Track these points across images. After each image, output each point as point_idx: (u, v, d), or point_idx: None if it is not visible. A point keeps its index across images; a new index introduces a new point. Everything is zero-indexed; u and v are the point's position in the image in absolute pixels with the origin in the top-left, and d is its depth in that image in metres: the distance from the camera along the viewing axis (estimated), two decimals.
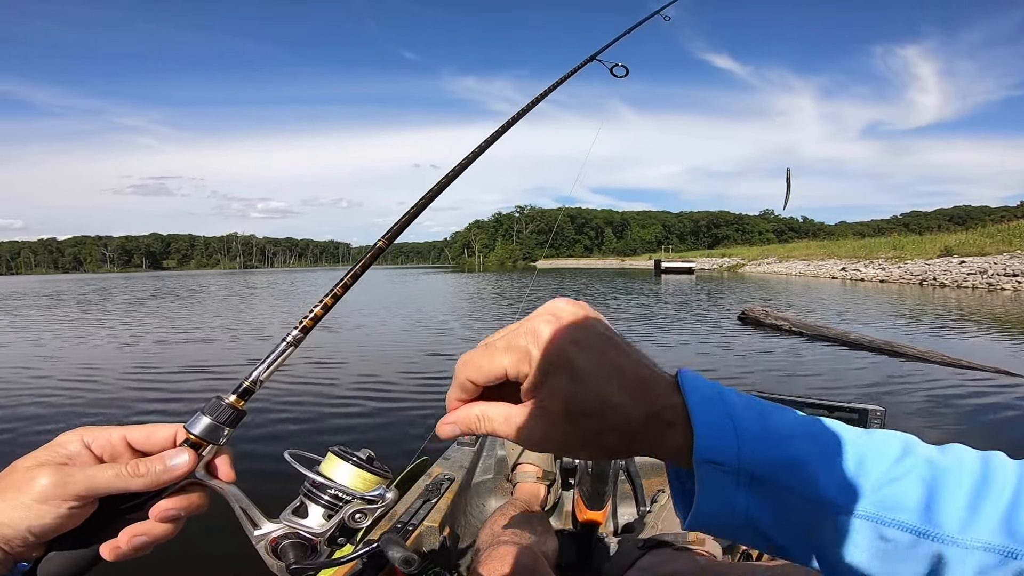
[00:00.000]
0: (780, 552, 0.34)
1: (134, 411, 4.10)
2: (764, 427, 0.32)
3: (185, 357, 6.37)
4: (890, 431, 0.34)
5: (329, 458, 0.44)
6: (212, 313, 12.27)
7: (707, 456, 0.31)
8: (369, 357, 6.27)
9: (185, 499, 0.39)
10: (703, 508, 0.32)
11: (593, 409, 0.32)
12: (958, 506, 0.30)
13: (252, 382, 0.40)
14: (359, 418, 3.83)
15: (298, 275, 59.68)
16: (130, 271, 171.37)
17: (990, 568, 0.29)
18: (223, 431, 0.39)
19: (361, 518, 0.43)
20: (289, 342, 0.41)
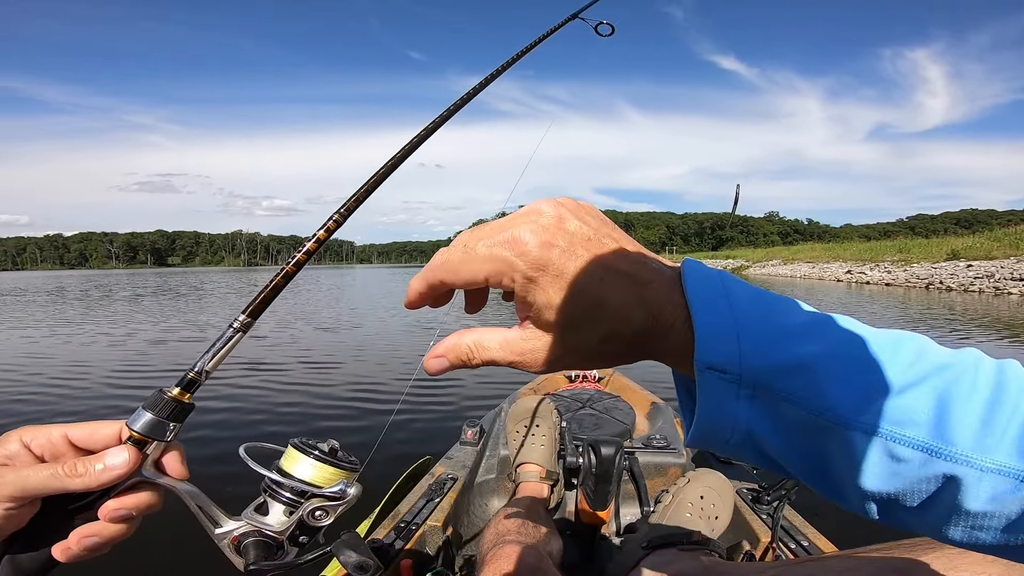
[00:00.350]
0: (783, 472, 0.32)
1: (118, 409, 4.11)
2: (769, 328, 0.29)
3: (176, 355, 6.38)
4: (903, 332, 0.31)
5: (289, 452, 0.42)
6: (210, 311, 12.31)
7: (708, 361, 0.28)
8: (350, 353, 6.29)
9: (134, 498, 0.37)
10: (704, 420, 0.30)
11: (591, 315, 0.29)
12: (972, 421, 0.28)
13: (197, 373, 0.38)
14: (334, 411, 3.84)
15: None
16: (135, 267, 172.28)
17: (1005, 494, 0.27)
18: (168, 426, 0.37)
19: (322, 515, 0.41)
20: (236, 328, 0.39)
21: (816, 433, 0.29)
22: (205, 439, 3.09)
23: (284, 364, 5.77)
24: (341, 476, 0.42)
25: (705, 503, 1.16)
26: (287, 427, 3.59)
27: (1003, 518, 0.27)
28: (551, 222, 0.30)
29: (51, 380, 5.02)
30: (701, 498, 1.17)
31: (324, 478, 0.41)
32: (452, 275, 0.32)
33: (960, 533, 0.29)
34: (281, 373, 5.06)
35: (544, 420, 1.42)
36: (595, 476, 1.17)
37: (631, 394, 2.20)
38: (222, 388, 4.43)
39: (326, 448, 0.43)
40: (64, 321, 10.17)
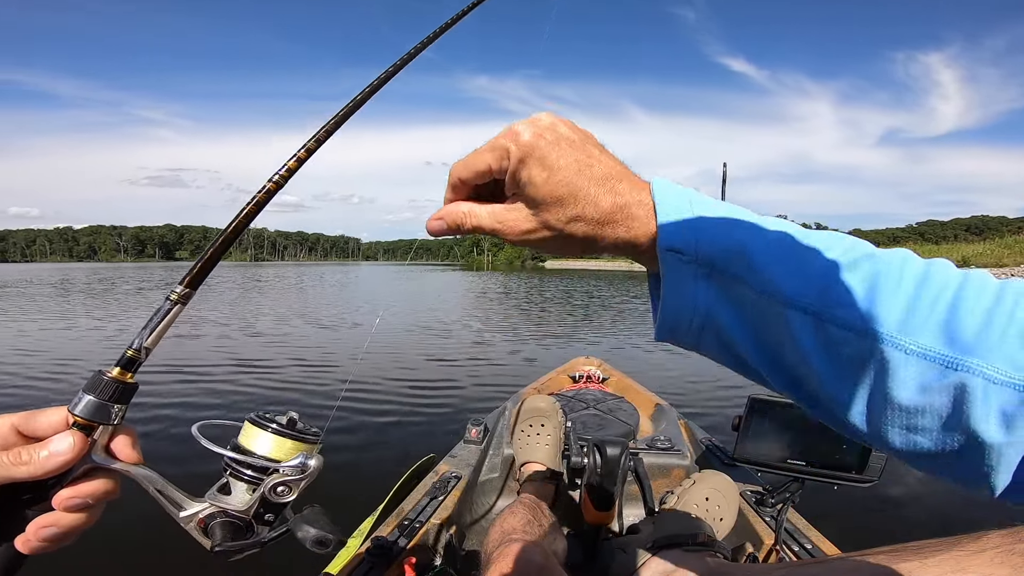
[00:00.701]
0: (739, 362, 0.35)
1: None
2: (723, 221, 0.34)
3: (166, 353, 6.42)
4: (841, 232, 0.35)
5: (246, 427, 0.41)
6: (207, 306, 12.36)
7: (668, 243, 0.33)
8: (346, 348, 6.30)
9: (87, 486, 0.36)
10: (668, 303, 0.34)
11: (564, 195, 0.34)
12: (898, 303, 0.30)
13: (135, 351, 0.36)
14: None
15: (305, 269, 60.13)
16: (143, 261, 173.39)
17: (932, 382, 0.28)
18: (112, 408, 0.36)
19: (285, 491, 0.40)
20: (174, 300, 0.37)
21: (764, 312, 0.32)
22: (164, 419, 3.07)
23: (243, 343, 5.80)
24: (301, 449, 0.41)
25: (710, 504, 1.16)
26: (248, 404, 3.59)
27: (935, 414, 0.28)
28: (545, 124, 0.35)
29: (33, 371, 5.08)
30: (706, 499, 1.17)
31: (284, 452, 0.40)
32: (466, 168, 0.37)
33: (898, 436, 0.30)
34: (239, 352, 5.06)
35: (549, 420, 1.42)
36: (600, 476, 1.17)
37: (635, 395, 2.20)
38: (182, 367, 4.42)
39: (284, 421, 0.41)
40: (58, 314, 10.25)
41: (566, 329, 8.59)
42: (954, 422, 0.28)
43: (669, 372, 5.59)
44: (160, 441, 3.06)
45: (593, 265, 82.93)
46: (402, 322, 9.29)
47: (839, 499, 1.36)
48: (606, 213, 0.34)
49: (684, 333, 0.35)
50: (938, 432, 0.29)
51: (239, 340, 7.07)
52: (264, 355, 5.96)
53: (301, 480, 0.40)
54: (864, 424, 0.31)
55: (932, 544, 0.67)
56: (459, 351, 6.52)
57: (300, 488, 0.40)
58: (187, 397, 4.09)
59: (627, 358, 6.30)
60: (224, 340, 6.99)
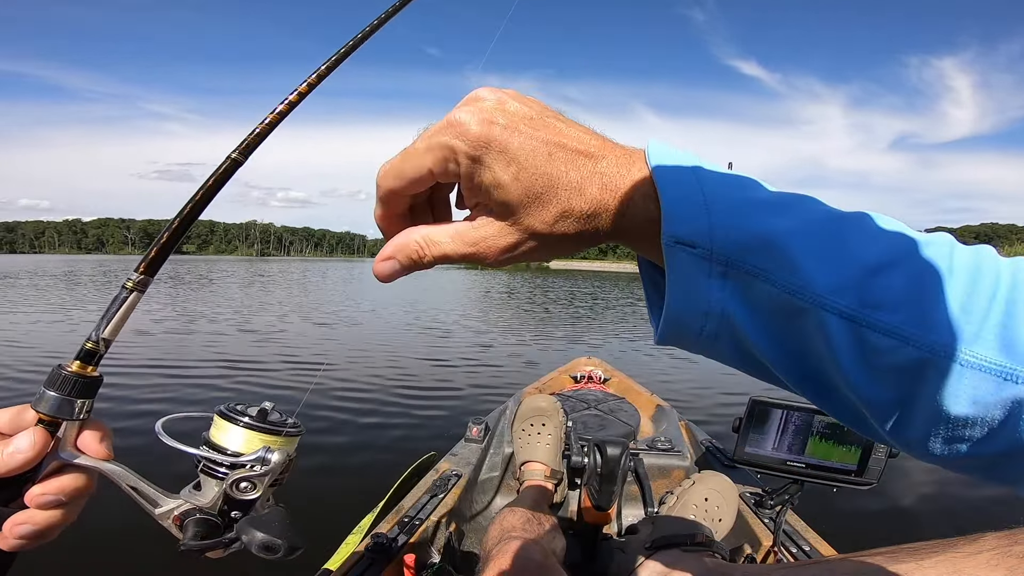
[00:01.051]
0: (758, 368, 0.30)
1: None
2: (740, 200, 0.28)
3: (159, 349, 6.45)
4: (873, 212, 0.29)
5: (216, 422, 0.39)
6: (206, 301, 12.41)
7: (676, 234, 0.27)
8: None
9: (56, 482, 0.35)
10: (674, 303, 0.28)
11: (541, 191, 0.28)
12: (950, 307, 0.25)
13: (94, 343, 0.35)
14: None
15: (310, 264, 60.32)
16: None
17: (986, 395, 0.24)
18: (75, 403, 0.35)
19: (248, 488, 0.38)
20: (130, 288, 0.36)
21: (791, 315, 0.27)
22: (146, 414, 3.06)
23: (235, 338, 5.82)
24: (271, 442, 0.39)
25: (710, 505, 1.16)
26: (225, 395, 3.58)
27: (984, 426, 0.25)
28: (491, 104, 0.29)
29: None
30: (706, 500, 1.17)
31: (253, 446, 0.38)
32: (398, 177, 0.30)
33: (939, 446, 0.27)
34: (230, 347, 5.07)
35: (550, 419, 1.43)
36: (600, 476, 1.18)
37: (636, 396, 2.21)
38: (168, 362, 4.41)
39: (254, 412, 0.39)
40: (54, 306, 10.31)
41: (568, 330, 8.57)
42: (1006, 433, 0.25)
43: (670, 374, 5.59)
44: (140, 436, 3.08)
45: (598, 266, 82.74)
46: (403, 321, 9.32)
47: (838, 501, 1.36)
48: (595, 203, 0.28)
49: (692, 338, 0.30)
50: (985, 441, 0.26)
51: (232, 336, 7.10)
52: (254, 351, 5.99)
53: (264, 476, 0.38)
54: (901, 434, 0.28)
55: (929, 546, 0.67)
56: (460, 350, 6.51)
57: (265, 484, 0.38)
58: (173, 392, 4.11)
59: (629, 360, 6.28)
60: (217, 336, 7.03)
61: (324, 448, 3.05)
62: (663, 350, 6.86)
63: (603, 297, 16.85)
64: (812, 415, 1.07)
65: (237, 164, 0.38)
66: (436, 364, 5.65)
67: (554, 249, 0.30)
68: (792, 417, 1.09)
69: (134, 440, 2.81)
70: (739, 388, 4.94)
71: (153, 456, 0.36)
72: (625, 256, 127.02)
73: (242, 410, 0.39)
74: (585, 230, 0.29)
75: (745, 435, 1.13)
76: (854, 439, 1.04)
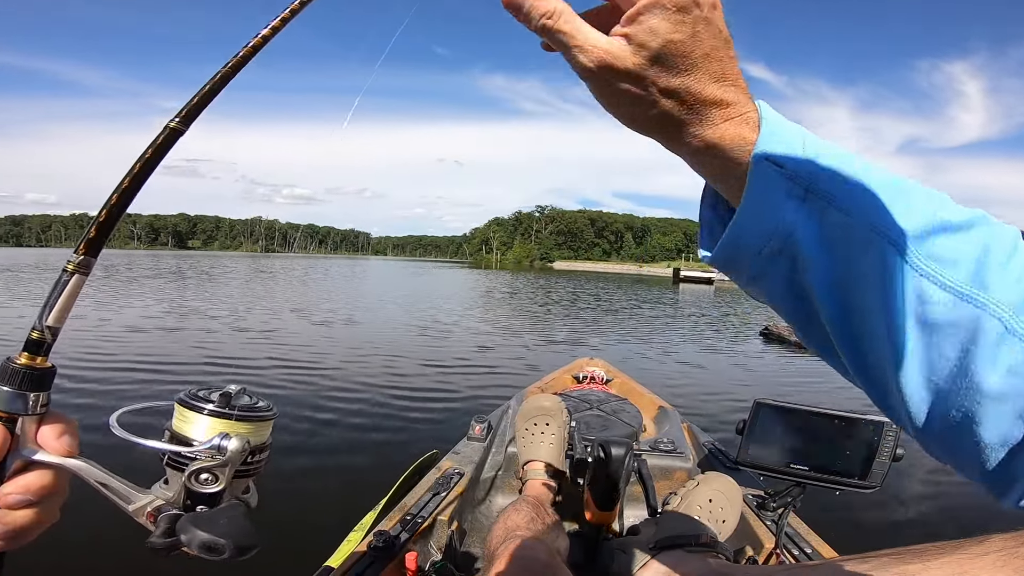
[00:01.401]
0: (798, 301, 0.32)
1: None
2: (833, 150, 0.30)
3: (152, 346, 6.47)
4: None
5: (177, 410, 0.37)
6: (204, 297, 12.43)
7: (769, 151, 0.29)
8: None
9: (19, 481, 0.33)
10: (745, 217, 0.30)
11: (693, 62, 0.29)
12: (1009, 277, 0.27)
13: (39, 332, 0.33)
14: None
15: (314, 261, 60.41)
16: (156, 248, 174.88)
17: (1020, 365, 0.25)
18: (28, 397, 0.33)
19: (209, 480, 0.35)
20: (71, 271, 0.34)
21: (858, 250, 0.29)
22: (123, 402, 3.03)
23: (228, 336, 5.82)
24: (240, 429, 0.36)
25: (714, 507, 1.16)
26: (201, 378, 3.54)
27: (1012, 410, 0.26)
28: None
29: None
30: (710, 501, 1.17)
31: (212, 433, 0.36)
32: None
33: (953, 416, 0.28)
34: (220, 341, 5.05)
35: (554, 419, 1.43)
36: (603, 476, 1.18)
37: (638, 397, 2.20)
38: (154, 358, 4.39)
39: (217, 397, 0.37)
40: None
41: (569, 331, 8.55)
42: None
43: (672, 375, 5.58)
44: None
45: (602, 267, 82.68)
46: (405, 321, 9.32)
47: (840, 504, 1.36)
48: (707, 100, 0.29)
49: (749, 257, 0.31)
50: (1006, 424, 0.26)
51: (225, 334, 7.14)
52: (246, 348, 6.00)
53: (224, 465, 0.35)
54: (921, 399, 0.28)
55: (934, 547, 0.67)
56: (462, 350, 6.53)
57: (228, 474, 0.35)
58: (160, 387, 4.12)
59: (631, 361, 6.27)
60: (209, 332, 7.06)
61: (326, 445, 3.06)
62: (665, 351, 6.86)
63: (606, 299, 16.83)
64: (816, 418, 1.07)
65: (177, 133, 0.36)
66: (438, 363, 5.66)
67: (639, 113, 0.31)
68: (796, 420, 1.08)
69: (114, 438, 2.83)
70: (744, 394, 4.93)
71: (137, 452, 0.35)
72: (628, 258, 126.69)
73: (204, 396, 0.37)
74: (680, 119, 0.30)
75: (749, 437, 1.13)
76: (858, 443, 1.03)
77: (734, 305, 15.96)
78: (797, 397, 3.82)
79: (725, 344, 7.91)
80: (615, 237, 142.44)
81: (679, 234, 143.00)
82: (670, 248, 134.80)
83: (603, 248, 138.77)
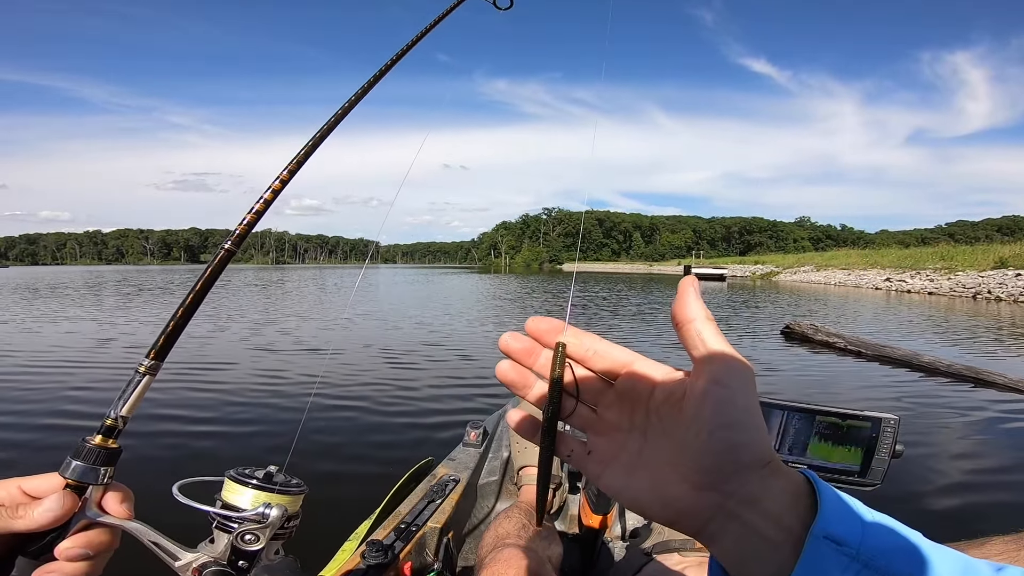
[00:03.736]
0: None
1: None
2: (890, 525, 0.29)
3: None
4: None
5: (227, 483, 0.45)
6: (211, 309, 12.53)
7: (828, 529, 0.27)
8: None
9: (82, 537, 0.40)
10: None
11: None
12: None
13: (113, 420, 0.41)
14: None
15: (326, 272, 60.84)
16: (169, 263, 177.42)
17: None
18: (99, 471, 0.40)
19: (252, 539, 0.43)
20: (142, 373, 0.41)
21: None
22: (160, 472, 2.85)
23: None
24: (280, 500, 0.44)
25: None
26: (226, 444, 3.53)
27: None
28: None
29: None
30: None
31: (258, 503, 0.44)
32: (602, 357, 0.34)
33: None
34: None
35: None
36: None
37: None
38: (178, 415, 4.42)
39: (261, 475, 0.45)
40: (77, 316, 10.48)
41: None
42: None
43: None
44: (157, 493, 3.11)
45: (611, 267, 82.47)
46: (397, 324, 9.33)
47: None
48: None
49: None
50: None
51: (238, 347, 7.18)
52: (252, 364, 6.00)
53: (264, 528, 0.43)
54: None
55: None
56: (459, 354, 6.50)
57: (267, 536, 0.43)
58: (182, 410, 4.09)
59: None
60: (224, 345, 7.10)
61: (319, 453, 3.04)
62: (664, 348, 6.77)
63: (614, 298, 16.74)
64: (813, 415, 1.03)
65: (231, 254, 0.47)
66: (433, 368, 5.65)
67: (658, 499, 0.31)
68: (793, 418, 1.05)
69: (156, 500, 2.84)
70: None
71: (168, 508, 0.43)
72: (638, 257, 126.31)
73: (250, 473, 0.45)
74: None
75: None
76: (856, 440, 1.00)
77: (749, 302, 15.81)
78: (824, 399, 3.72)
79: (748, 343, 7.59)
80: (624, 237, 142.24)
81: (688, 232, 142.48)
82: (679, 246, 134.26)
83: (612, 248, 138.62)
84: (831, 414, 1.01)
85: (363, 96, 0.58)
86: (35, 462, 2.99)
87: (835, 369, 5.88)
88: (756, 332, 8.80)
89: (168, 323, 0.43)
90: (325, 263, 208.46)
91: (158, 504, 0.48)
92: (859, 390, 4.93)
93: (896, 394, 4.76)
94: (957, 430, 3.74)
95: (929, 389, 4.90)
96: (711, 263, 58.07)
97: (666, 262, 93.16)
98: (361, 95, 0.57)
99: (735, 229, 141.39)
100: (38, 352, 6.28)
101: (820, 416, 1.02)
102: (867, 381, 5.22)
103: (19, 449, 3.15)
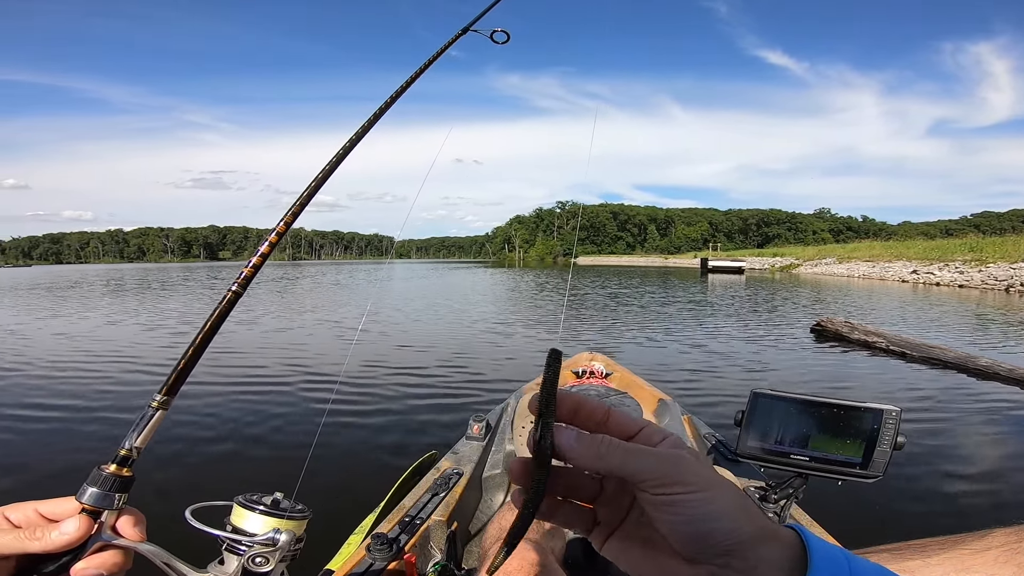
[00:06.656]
0: None
1: None
2: (866, 566, 0.31)
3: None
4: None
5: (235, 509, 0.47)
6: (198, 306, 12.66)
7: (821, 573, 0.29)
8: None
9: (98, 558, 0.42)
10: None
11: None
12: None
13: (127, 450, 0.43)
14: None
15: (343, 267, 61.27)
16: (189, 261, 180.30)
17: None
18: (114, 498, 0.42)
19: (262, 562, 0.45)
20: (155, 407, 0.44)
21: None
22: (177, 491, 2.76)
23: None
24: (289, 526, 0.47)
25: None
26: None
27: None
28: None
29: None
30: None
31: (267, 528, 0.46)
32: (619, 458, 0.32)
33: None
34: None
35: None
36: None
37: (638, 391, 2.16)
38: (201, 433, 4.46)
39: (268, 501, 0.48)
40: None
41: (571, 331, 8.34)
42: None
43: (672, 367, 5.38)
44: (173, 515, 3.16)
45: (626, 261, 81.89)
46: (401, 318, 9.36)
47: (843, 496, 1.30)
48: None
49: None
50: None
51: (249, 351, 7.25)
52: (268, 366, 6.06)
53: (274, 552, 0.46)
54: None
55: (936, 542, 0.63)
56: (462, 347, 6.51)
57: (276, 559, 0.46)
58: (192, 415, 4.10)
59: (630, 350, 6.15)
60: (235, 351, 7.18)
61: (324, 448, 3.07)
62: (665, 341, 6.69)
63: (620, 295, 16.61)
64: (815, 407, 1.02)
65: (237, 296, 0.48)
66: (436, 361, 5.65)
67: (657, 570, 0.33)
68: (794, 410, 1.04)
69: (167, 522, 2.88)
70: (742, 381, 4.79)
71: (179, 528, 0.45)
72: (653, 250, 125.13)
73: (258, 499, 0.48)
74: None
75: (748, 429, 1.09)
76: (857, 431, 0.99)
77: (769, 296, 15.55)
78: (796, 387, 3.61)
79: (771, 344, 6.92)
80: (638, 230, 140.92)
81: (704, 224, 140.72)
82: (695, 238, 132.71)
83: (627, 241, 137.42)
84: (832, 406, 1.00)
85: (361, 138, 0.62)
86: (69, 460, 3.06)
87: (883, 375, 5.17)
88: (781, 330, 7.96)
89: (179, 361, 0.45)
90: (340, 259, 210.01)
91: (163, 525, 0.50)
92: (918, 400, 4.26)
93: (979, 407, 4.04)
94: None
95: (1005, 398, 4.27)
96: (728, 255, 57.18)
97: (682, 255, 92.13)
98: (356, 140, 0.61)
99: (752, 221, 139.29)
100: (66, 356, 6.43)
101: (820, 408, 1.01)
102: (923, 390, 4.52)
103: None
